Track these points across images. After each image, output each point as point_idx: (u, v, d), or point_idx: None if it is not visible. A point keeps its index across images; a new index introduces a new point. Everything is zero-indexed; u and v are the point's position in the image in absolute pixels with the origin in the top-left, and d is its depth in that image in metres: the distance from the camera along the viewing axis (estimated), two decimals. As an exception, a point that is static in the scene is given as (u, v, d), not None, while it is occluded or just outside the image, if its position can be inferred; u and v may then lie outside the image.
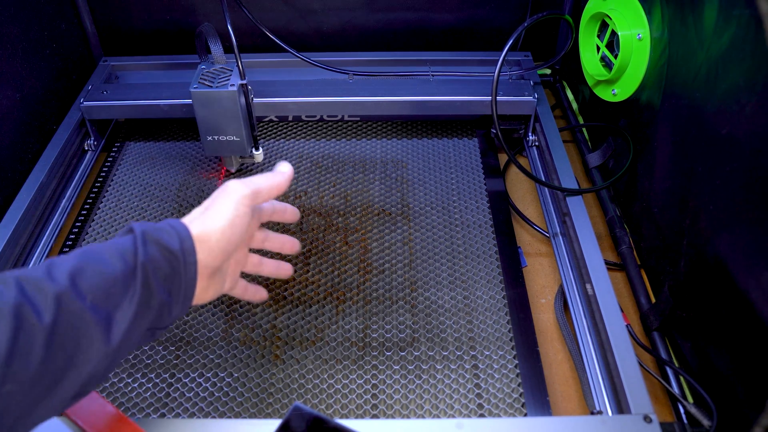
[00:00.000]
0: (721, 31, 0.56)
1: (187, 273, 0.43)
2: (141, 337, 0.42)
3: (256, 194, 0.49)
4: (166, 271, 0.41)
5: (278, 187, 0.51)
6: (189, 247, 0.43)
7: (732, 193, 0.53)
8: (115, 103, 0.88)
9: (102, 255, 0.40)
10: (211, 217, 0.46)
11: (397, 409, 0.59)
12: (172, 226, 0.44)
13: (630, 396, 0.53)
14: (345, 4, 1.00)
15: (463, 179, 0.86)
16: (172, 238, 0.43)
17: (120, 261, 0.40)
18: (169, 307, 0.42)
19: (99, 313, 0.38)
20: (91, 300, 0.38)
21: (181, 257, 0.42)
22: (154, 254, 0.41)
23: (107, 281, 0.39)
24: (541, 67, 0.91)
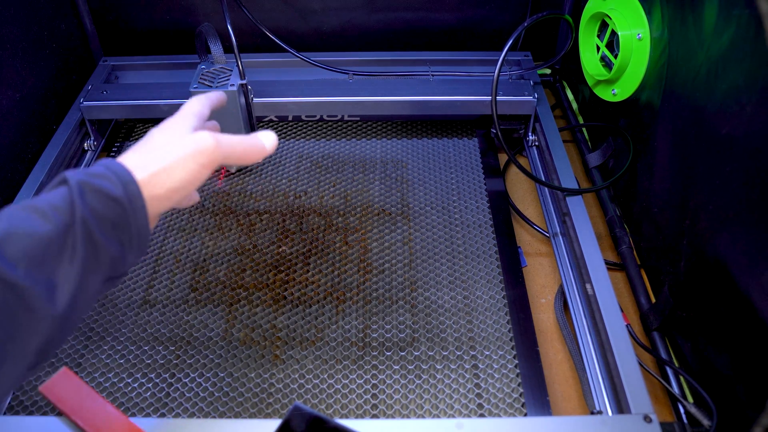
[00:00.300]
0: (721, 31, 0.56)
1: (137, 219, 0.39)
2: (96, 292, 0.39)
3: (225, 160, 0.44)
4: (112, 220, 0.38)
5: (251, 159, 0.46)
6: (134, 191, 0.39)
7: (732, 193, 0.53)
8: (115, 103, 0.88)
9: (31, 216, 0.36)
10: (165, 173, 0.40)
11: (397, 409, 0.59)
12: (111, 170, 0.39)
13: (630, 396, 0.53)
14: (345, 4, 1.00)
15: (463, 179, 0.86)
16: (114, 184, 0.38)
17: (52, 219, 0.36)
18: (122, 256, 0.39)
19: (38, 282, 0.34)
20: (25, 267, 0.34)
21: (128, 204, 0.38)
22: (94, 205, 0.37)
23: (41, 243, 0.35)
24: (541, 67, 0.91)
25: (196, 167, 0.41)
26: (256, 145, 0.46)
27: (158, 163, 0.40)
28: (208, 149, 0.42)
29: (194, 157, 0.41)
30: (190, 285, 0.71)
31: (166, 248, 0.76)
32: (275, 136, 0.47)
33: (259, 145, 0.46)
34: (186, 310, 0.68)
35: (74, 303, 0.36)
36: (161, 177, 0.40)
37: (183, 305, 0.69)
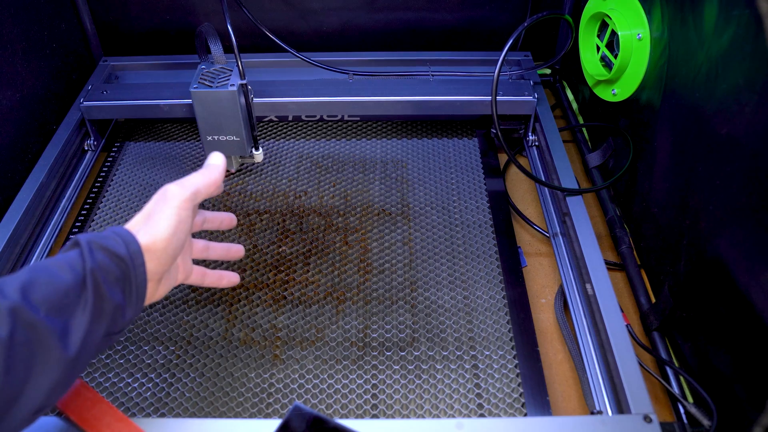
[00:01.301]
0: (721, 31, 0.56)
1: (137, 276, 0.44)
2: (98, 344, 0.42)
3: (195, 195, 0.50)
4: (116, 274, 0.43)
5: (215, 183, 0.52)
6: (135, 250, 0.44)
7: (732, 194, 0.53)
8: (115, 103, 0.88)
9: (50, 268, 0.40)
10: (155, 226, 0.46)
11: (397, 409, 0.59)
12: (117, 233, 0.45)
13: (630, 396, 0.53)
14: (345, 4, 1.00)
15: (463, 179, 0.86)
16: (118, 244, 0.44)
17: (69, 271, 0.40)
18: (123, 310, 0.43)
19: (54, 323, 0.38)
20: (45, 311, 0.38)
21: (129, 261, 0.44)
22: (102, 260, 0.42)
23: (59, 292, 0.39)
24: (541, 67, 0.91)
25: (173, 210, 0.47)
26: (210, 169, 0.52)
27: (148, 223, 0.47)
28: (174, 193, 0.48)
29: (168, 205, 0.47)
30: (190, 285, 0.71)
31: (166, 248, 0.76)
32: (219, 154, 0.54)
33: (212, 168, 0.52)
34: (186, 310, 0.68)
35: (82, 350, 0.40)
36: (151, 232, 0.46)
37: (183, 305, 0.69)
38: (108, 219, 0.80)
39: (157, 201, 0.49)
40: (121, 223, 0.79)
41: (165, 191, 0.49)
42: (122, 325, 0.44)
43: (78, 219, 0.81)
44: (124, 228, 0.46)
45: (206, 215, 0.59)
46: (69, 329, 0.39)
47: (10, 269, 0.71)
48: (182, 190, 0.49)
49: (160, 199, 0.49)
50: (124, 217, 0.80)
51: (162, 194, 0.49)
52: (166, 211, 0.47)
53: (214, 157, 0.54)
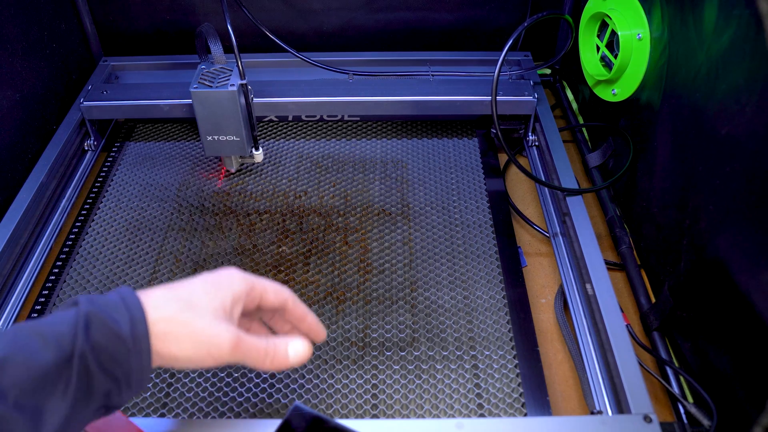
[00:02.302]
0: (721, 31, 0.56)
1: (140, 360, 0.37)
2: (88, 420, 0.38)
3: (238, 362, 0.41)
4: (112, 355, 0.36)
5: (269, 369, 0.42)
6: (142, 333, 0.37)
7: (732, 193, 0.53)
8: (115, 103, 0.88)
9: (33, 341, 0.35)
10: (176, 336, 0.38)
11: (397, 409, 0.59)
12: (126, 304, 0.38)
13: (630, 396, 0.53)
14: (345, 4, 1.00)
15: (463, 179, 0.86)
16: (122, 319, 0.37)
17: (54, 348, 0.35)
18: (119, 392, 0.37)
19: (24, 411, 0.33)
20: (15, 398, 0.33)
21: (132, 344, 0.37)
22: (97, 338, 0.36)
23: (36, 373, 0.34)
24: (541, 67, 0.91)
25: (205, 355, 0.39)
26: (280, 353, 0.42)
27: (175, 324, 0.39)
28: (224, 347, 0.39)
29: (207, 346, 0.39)
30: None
31: (166, 248, 0.76)
32: (307, 350, 0.43)
33: (282, 354, 0.42)
34: (186, 310, 0.68)
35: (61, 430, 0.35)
36: (169, 337, 0.38)
37: (183, 305, 0.69)
38: (108, 219, 0.80)
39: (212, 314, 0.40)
40: (122, 223, 0.79)
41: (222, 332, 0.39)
42: (120, 402, 0.38)
43: (78, 219, 0.81)
44: (137, 297, 0.39)
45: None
46: (42, 416, 0.34)
47: (10, 269, 0.71)
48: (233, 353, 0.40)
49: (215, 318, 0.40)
50: (125, 217, 0.80)
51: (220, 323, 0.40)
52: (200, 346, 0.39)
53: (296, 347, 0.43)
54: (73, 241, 0.77)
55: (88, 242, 0.77)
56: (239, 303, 0.42)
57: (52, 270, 0.74)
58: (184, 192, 0.84)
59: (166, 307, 0.39)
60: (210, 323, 0.39)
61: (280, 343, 0.43)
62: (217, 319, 0.40)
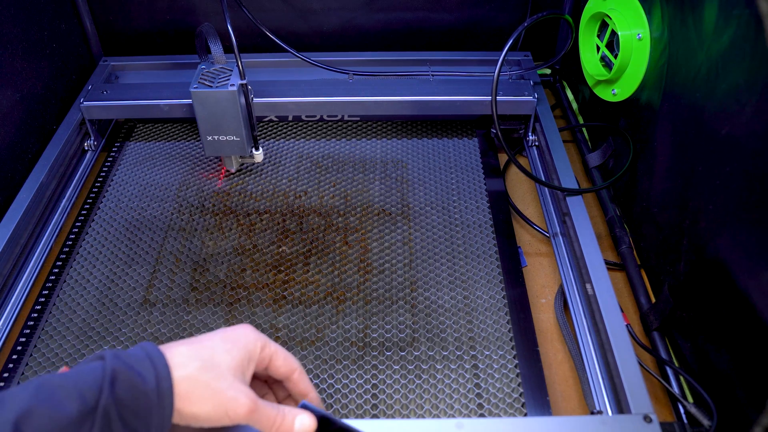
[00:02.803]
0: (721, 31, 0.56)
1: (162, 416, 0.38)
2: None
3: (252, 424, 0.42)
4: (136, 410, 0.38)
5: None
6: (167, 388, 0.38)
7: (732, 193, 0.53)
8: (115, 103, 0.88)
9: (57, 393, 0.36)
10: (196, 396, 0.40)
11: (397, 409, 0.59)
12: (151, 360, 0.39)
13: (630, 396, 0.53)
14: (345, 4, 1.00)
15: (463, 179, 0.86)
16: (149, 375, 0.38)
17: (78, 401, 0.36)
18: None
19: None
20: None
21: (156, 399, 0.38)
22: (121, 394, 0.37)
23: (58, 426, 0.35)
24: (541, 67, 0.91)
25: (224, 415, 0.41)
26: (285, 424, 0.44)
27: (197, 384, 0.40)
28: (242, 411, 0.41)
29: (226, 408, 0.41)
30: (190, 285, 0.71)
31: (166, 248, 0.76)
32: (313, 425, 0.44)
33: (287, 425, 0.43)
34: (186, 310, 0.68)
35: None
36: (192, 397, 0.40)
37: (183, 305, 0.69)
38: (108, 219, 0.80)
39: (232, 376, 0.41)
40: (122, 223, 0.79)
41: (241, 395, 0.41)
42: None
43: (78, 219, 0.81)
44: (162, 355, 0.40)
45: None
46: None
47: (10, 269, 0.71)
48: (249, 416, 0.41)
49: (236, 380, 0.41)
50: (125, 217, 0.80)
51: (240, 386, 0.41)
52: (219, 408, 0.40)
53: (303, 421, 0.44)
54: (73, 241, 0.77)
55: (88, 242, 0.77)
56: (253, 362, 0.44)
57: (52, 270, 0.74)
58: (184, 192, 0.84)
59: (188, 366, 0.40)
60: (230, 385, 0.41)
61: (289, 413, 0.44)
62: (237, 381, 0.42)
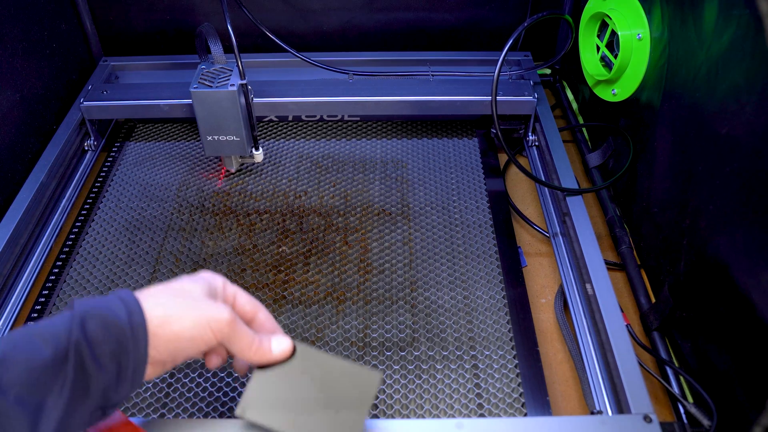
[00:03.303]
0: (721, 31, 0.56)
1: (137, 350, 0.38)
2: (85, 422, 0.38)
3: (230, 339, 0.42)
4: (111, 347, 0.37)
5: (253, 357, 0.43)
6: (139, 322, 0.38)
7: (732, 193, 0.53)
8: (115, 103, 0.88)
9: (31, 339, 0.36)
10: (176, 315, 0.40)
11: (397, 409, 0.59)
12: (121, 298, 0.39)
13: (630, 396, 0.53)
14: (345, 4, 1.00)
15: (463, 179, 0.86)
16: (119, 310, 0.38)
17: (51, 344, 0.35)
18: (116, 387, 0.38)
19: (25, 407, 0.34)
20: (16, 394, 0.34)
21: (129, 333, 0.37)
22: (93, 331, 0.36)
23: (35, 370, 0.35)
24: (541, 67, 0.91)
25: (206, 328, 0.40)
26: (264, 346, 0.44)
27: (173, 306, 0.40)
28: (222, 320, 0.41)
29: (207, 319, 0.40)
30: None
31: (166, 248, 0.76)
32: (288, 346, 0.45)
33: (266, 347, 0.44)
34: (186, 310, 0.68)
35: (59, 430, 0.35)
36: (170, 319, 0.39)
37: (183, 305, 0.69)
38: (108, 219, 0.80)
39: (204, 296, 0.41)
40: (122, 223, 0.79)
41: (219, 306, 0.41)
42: (117, 400, 0.38)
43: (78, 219, 0.81)
44: (132, 293, 0.40)
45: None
46: (42, 410, 0.34)
47: (10, 269, 0.71)
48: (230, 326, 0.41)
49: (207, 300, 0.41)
50: (125, 217, 0.80)
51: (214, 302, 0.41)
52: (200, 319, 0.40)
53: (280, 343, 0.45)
54: (73, 241, 0.77)
55: (88, 242, 0.77)
56: (219, 297, 0.44)
57: (52, 270, 0.74)
58: (184, 192, 0.84)
59: (159, 296, 0.40)
60: (206, 301, 0.41)
61: (265, 337, 0.44)
62: (210, 299, 0.42)
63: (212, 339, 0.41)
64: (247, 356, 0.43)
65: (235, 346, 0.42)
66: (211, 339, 0.41)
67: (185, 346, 0.40)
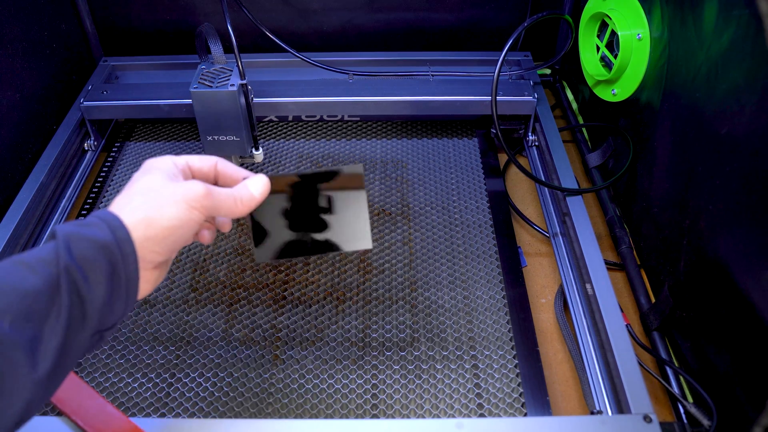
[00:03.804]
0: (721, 31, 0.56)
1: (126, 266, 0.38)
2: (85, 347, 0.37)
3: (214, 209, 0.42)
4: (101, 266, 0.36)
5: (241, 210, 0.44)
6: (123, 237, 0.38)
7: (732, 193, 0.53)
8: (115, 103, 0.88)
9: (17, 269, 0.35)
10: (156, 208, 0.39)
11: (397, 409, 0.59)
12: (101, 218, 0.38)
13: (630, 396, 0.53)
14: (345, 4, 1.00)
15: (463, 179, 0.86)
16: (102, 230, 0.37)
17: (40, 272, 0.35)
18: (111, 306, 0.37)
19: (21, 334, 0.33)
20: (10, 322, 0.33)
21: (117, 249, 0.37)
22: (81, 253, 0.36)
23: (26, 298, 0.34)
24: (541, 67, 0.91)
25: (187, 208, 0.40)
26: (245, 194, 0.44)
27: (149, 205, 0.39)
28: (199, 194, 0.41)
29: (185, 200, 0.40)
30: (190, 285, 0.71)
31: (166, 248, 0.76)
32: (265, 181, 0.45)
33: (247, 194, 0.44)
34: (186, 310, 0.68)
35: (62, 358, 0.35)
36: (153, 217, 0.39)
37: (183, 305, 0.69)
38: (108, 219, 0.80)
39: (167, 180, 0.41)
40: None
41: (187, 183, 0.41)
42: (113, 321, 0.38)
43: (78, 219, 0.81)
44: (109, 211, 0.39)
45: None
46: (40, 339, 0.34)
47: None
48: (208, 197, 0.41)
49: (173, 182, 0.41)
50: (124, 217, 0.80)
51: (180, 182, 0.41)
52: (178, 203, 0.40)
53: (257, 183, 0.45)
54: (73, 241, 0.77)
55: (88, 242, 0.77)
56: (177, 176, 0.43)
57: (52, 270, 0.74)
58: (184, 192, 0.84)
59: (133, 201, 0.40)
60: (174, 185, 0.41)
61: (240, 187, 0.44)
62: (175, 181, 0.41)
63: (199, 216, 0.41)
64: (236, 213, 0.44)
65: (221, 211, 0.43)
66: (198, 216, 0.41)
67: (178, 235, 0.40)
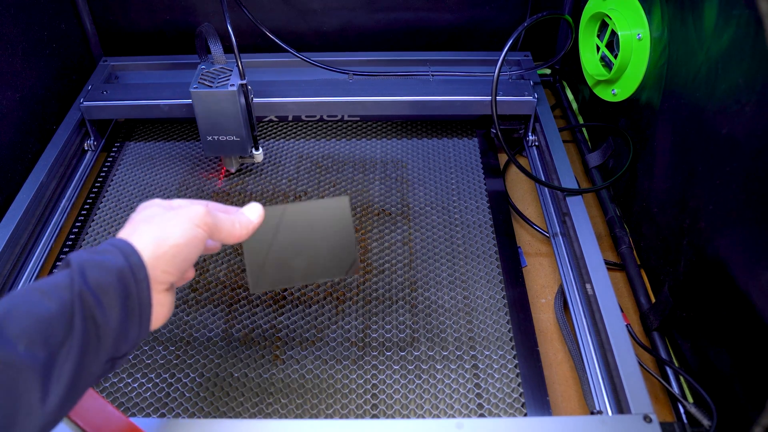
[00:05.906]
0: (721, 31, 0.56)
1: (140, 291, 0.39)
2: (99, 373, 0.38)
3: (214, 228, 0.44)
4: (115, 292, 0.37)
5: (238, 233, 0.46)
6: (137, 262, 0.39)
7: (732, 193, 0.53)
8: (115, 103, 0.88)
9: (32, 295, 0.35)
10: (163, 230, 0.41)
11: (397, 409, 0.59)
12: (114, 245, 0.39)
13: (630, 396, 0.53)
14: (345, 4, 1.00)
15: (463, 179, 0.86)
16: (115, 257, 0.38)
17: (55, 297, 0.35)
18: (126, 332, 0.38)
19: (36, 359, 0.33)
20: (25, 346, 0.33)
21: (130, 274, 0.38)
22: (95, 279, 0.37)
23: (41, 322, 0.34)
24: (541, 67, 0.91)
25: (191, 226, 0.42)
26: (243, 218, 0.46)
27: (155, 228, 0.41)
28: (201, 212, 0.43)
29: (189, 219, 0.42)
30: (190, 285, 0.71)
31: (166, 248, 0.76)
32: (260, 208, 0.48)
33: (245, 218, 0.47)
34: (186, 310, 0.68)
35: (75, 382, 0.35)
36: (160, 237, 0.41)
37: (183, 305, 0.69)
38: (108, 219, 0.80)
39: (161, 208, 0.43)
40: (122, 223, 0.79)
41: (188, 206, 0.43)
42: (126, 348, 0.39)
43: (78, 219, 0.81)
44: (122, 239, 0.40)
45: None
46: (54, 363, 0.34)
47: (10, 269, 0.71)
48: (208, 215, 0.43)
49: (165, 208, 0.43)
50: (125, 217, 0.80)
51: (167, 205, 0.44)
52: (183, 223, 0.42)
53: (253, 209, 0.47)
54: (73, 241, 0.77)
55: (88, 242, 0.77)
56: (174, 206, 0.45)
57: (52, 270, 0.74)
58: (184, 192, 0.84)
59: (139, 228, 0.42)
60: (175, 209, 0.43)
61: (239, 212, 0.47)
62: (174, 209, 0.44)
63: (203, 234, 0.43)
64: (235, 234, 0.46)
65: (222, 230, 0.44)
66: (202, 234, 0.43)
67: (186, 253, 0.42)
